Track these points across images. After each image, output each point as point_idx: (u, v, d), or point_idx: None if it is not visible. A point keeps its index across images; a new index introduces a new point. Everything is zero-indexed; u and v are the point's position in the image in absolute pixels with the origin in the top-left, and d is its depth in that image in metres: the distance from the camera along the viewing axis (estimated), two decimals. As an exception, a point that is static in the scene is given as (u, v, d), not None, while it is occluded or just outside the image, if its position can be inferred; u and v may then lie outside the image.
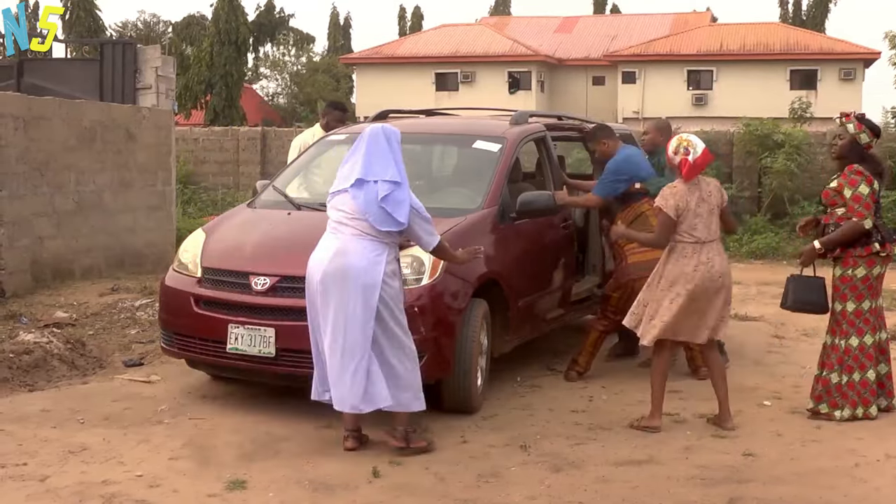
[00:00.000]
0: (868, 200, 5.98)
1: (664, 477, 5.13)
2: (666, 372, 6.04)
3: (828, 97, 37.93)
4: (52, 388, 6.73)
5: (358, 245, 5.28)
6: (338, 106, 8.81)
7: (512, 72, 43.27)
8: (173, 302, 6.35)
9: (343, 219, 5.35)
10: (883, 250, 6.04)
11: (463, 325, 6.00)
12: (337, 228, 5.39)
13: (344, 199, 5.36)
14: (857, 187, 6.00)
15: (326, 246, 5.38)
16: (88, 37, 38.80)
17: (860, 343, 6.10)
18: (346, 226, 5.33)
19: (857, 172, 6.03)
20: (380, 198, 5.25)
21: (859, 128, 6.14)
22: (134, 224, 12.11)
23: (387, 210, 5.25)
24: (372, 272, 5.24)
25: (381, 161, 5.36)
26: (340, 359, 5.26)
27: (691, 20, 47.50)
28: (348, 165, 5.44)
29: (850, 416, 6.10)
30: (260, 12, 47.48)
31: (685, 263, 5.84)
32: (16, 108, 10.20)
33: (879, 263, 6.09)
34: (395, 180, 5.31)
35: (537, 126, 7.72)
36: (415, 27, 59.91)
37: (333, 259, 5.29)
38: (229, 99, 42.71)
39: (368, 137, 5.43)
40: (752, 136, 16.61)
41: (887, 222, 14.60)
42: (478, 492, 4.90)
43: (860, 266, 6.05)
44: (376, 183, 5.28)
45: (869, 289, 6.10)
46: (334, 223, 5.41)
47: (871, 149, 6.19)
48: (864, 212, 5.97)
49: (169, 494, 4.79)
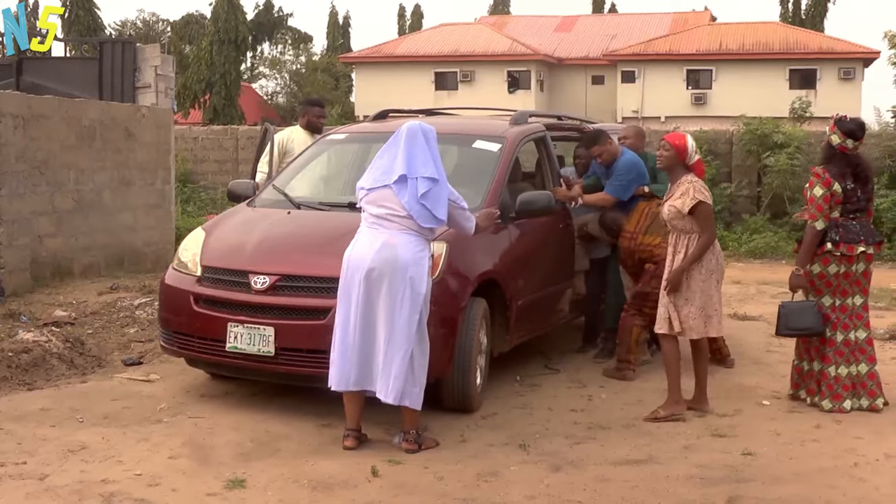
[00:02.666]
0: (820, 202, 6.12)
1: (663, 476, 5.13)
2: (678, 358, 6.22)
3: (827, 97, 37.94)
4: (51, 386, 6.73)
5: (403, 239, 5.33)
6: (316, 102, 8.83)
7: (511, 71, 43.26)
8: (173, 301, 6.34)
9: (386, 214, 5.37)
10: (836, 249, 6.13)
11: (462, 323, 6.00)
12: (379, 224, 5.39)
13: (385, 195, 5.38)
14: (813, 189, 6.19)
15: (369, 241, 5.37)
16: (88, 36, 38.78)
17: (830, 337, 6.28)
18: (391, 222, 5.36)
19: (815, 174, 6.21)
20: (419, 195, 5.31)
21: (832, 129, 6.26)
22: (133, 223, 12.12)
23: (427, 207, 5.33)
24: (417, 266, 5.32)
25: (421, 157, 5.39)
26: (387, 351, 5.30)
27: (690, 19, 47.51)
28: (384, 161, 5.46)
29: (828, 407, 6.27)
30: (259, 11, 47.52)
31: (718, 251, 6.24)
32: (15, 106, 10.20)
33: (836, 262, 6.18)
34: (434, 177, 5.37)
35: (537, 126, 7.73)
36: (414, 26, 59.87)
37: (381, 251, 5.30)
38: (228, 98, 42.73)
39: (407, 134, 5.44)
40: (752, 136, 16.62)
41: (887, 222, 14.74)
42: (477, 491, 4.90)
43: (816, 262, 6.22)
44: (416, 180, 5.33)
45: (827, 285, 6.24)
46: (375, 218, 5.41)
47: (847, 150, 6.21)
48: (815, 213, 6.14)
49: (168, 493, 4.79)
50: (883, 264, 13.79)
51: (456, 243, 6.04)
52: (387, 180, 5.38)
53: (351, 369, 5.39)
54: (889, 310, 10.24)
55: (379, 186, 5.41)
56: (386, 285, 5.29)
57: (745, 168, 16.99)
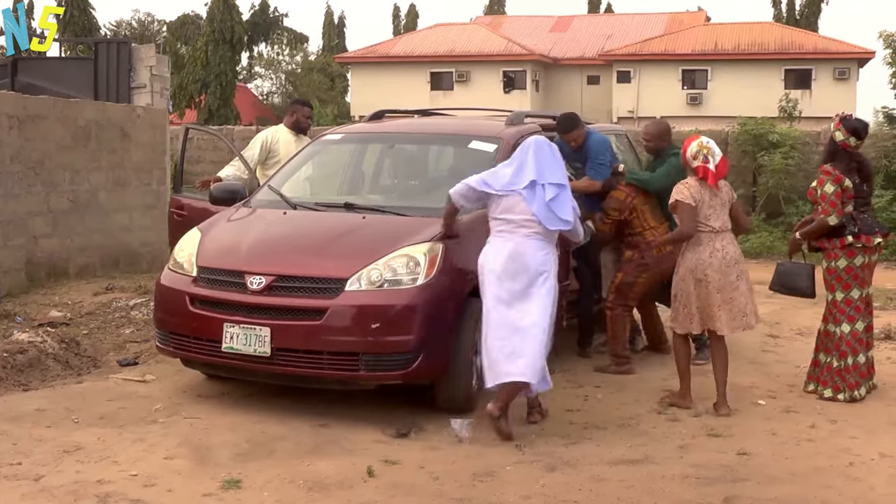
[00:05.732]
0: (832, 198, 6.38)
1: (659, 476, 5.14)
2: (689, 353, 6.48)
3: (822, 97, 37.98)
4: (46, 387, 6.72)
5: (531, 245, 5.74)
6: (305, 102, 8.88)
7: (507, 71, 43.25)
8: (169, 301, 6.34)
9: (516, 219, 5.75)
10: (857, 241, 6.40)
11: (458, 324, 6.00)
12: (509, 231, 5.77)
13: (515, 201, 5.76)
14: (824, 186, 6.45)
15: (501, 248, 5.75)
16: (83, 36, 38.72)
17: (852, 329, 6.52)
18: (521, 227, 5.74)
19: (825, 172, 6.47)
20: (547, 199, 5.71)
21: (837, 126, 6.51)
22: (129, 223, 12.10)
23: (553, 211, 5.72)
24: (544, 266, 5.74)
25: (549, 165, 5.84)
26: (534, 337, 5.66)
27: (686, 20, 47.52)
28: (512, 169, 5.84)
29: (845, 397, 6.49)
30: (254, 11, 47.44)
31: (701, 251, 6.23)
32: (10, 106, 10.19)
33: (860, 254, 6.46)
34: (562, 183, 5.81)
35: (533, 126, 7.72)
36: (409, 26, 59.85)
37: (513, 258, 5.70)
38: (224, 98, 42.66)
39: (535, 145, 5.89)
40: (748, 136, 16.65)
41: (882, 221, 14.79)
42: (473, 491, 4.90)
43: (841, 258, 6.47)
44: (544, 187, 5.74)
45: (854, 278, 6.51)
46: (504, 224, 5.78)
47: (849, 147, 6.48)
48: (828, 209, 6.40)
49: (164, 494, 4.78)
50: (878, 264, 13.72)
51: (452, 244, 6.04)
52: (517, 185, 5.75)
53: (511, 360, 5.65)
54: (884, 309, 10.25)
55: (509, 192, 5.76)
56: (521, 284, 5.68)
57: (740, 168, 17.00)
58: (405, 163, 7.94)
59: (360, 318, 5.74)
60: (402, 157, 7.94)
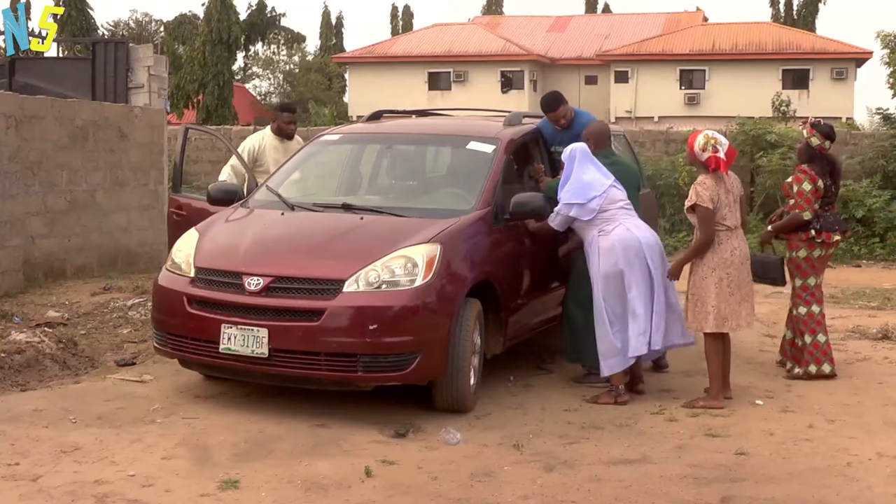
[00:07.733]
0: (809, 196, 6.93)
1: (657, 476, 5.14)
2: (720, 354, 6.51)
3: (820, 96, 38.07)
4: (44, 387, 6.72)
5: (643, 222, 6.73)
6: (286, 107, 8.85)
7: (504, 71, 43.29)
8: (166, 301, 6.33)
9: (624, 205, 6.60)
10: (819, 237, 6.98)
11: (456, 325, 5.99)
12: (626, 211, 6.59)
13: (616, 193, 6.60)
14: (801, 184, 6.97)
15: (637, 224, 6.59)
16: (81, 36, 38.68)
17: (808, 311, 7.08)
18: (628, 210, 6.61)
19: (803, 171, 7.00)
20: None
21: (811, 132, 7.04)
22: (127, 223, 12.10)
23: None
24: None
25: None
26: (665, 310, 6.49)
27: (683, 20, 47.56)
28: (591, 174, 6.60)
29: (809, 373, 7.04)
30: (252, 11, 47.41)
31: (722, 249, 6.38)
32: (8, 107, 10.18)
33: (819, 247, 7.03)
34: None
35: (531, 127, 7.72)
36: (407, 26, 59.88)
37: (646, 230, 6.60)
38: (221, 98, 42.62)
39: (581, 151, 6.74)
40: (746, 136, 16.65)
41: (879, 221, 14.84)
42: (471, 491, 4.90)
43: (801, 248, 7.04)
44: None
45: (811, 267, 7.07)
46: (625, 207, 6.61)
47: (824, 150, 7.04)
48: (804, 205, 6.94)
49: (162, 494, 4.78)
50: (875, 264, 13.84)
51: (450, 244, 6.04)
52: (607, 182, 6.57)
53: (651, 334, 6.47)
54: (881, 309, 10.26)
55: (607, 188, 6.55)
56: (657, 259, 6.50)
57: (738, 168, 16.88)
58: (403, 163, 7.94)
59: (358, 319, 5.74)
60: (400, 157, 7.94)
